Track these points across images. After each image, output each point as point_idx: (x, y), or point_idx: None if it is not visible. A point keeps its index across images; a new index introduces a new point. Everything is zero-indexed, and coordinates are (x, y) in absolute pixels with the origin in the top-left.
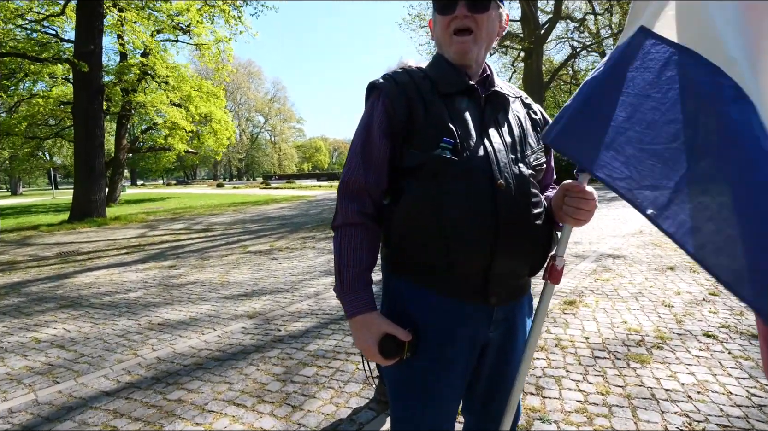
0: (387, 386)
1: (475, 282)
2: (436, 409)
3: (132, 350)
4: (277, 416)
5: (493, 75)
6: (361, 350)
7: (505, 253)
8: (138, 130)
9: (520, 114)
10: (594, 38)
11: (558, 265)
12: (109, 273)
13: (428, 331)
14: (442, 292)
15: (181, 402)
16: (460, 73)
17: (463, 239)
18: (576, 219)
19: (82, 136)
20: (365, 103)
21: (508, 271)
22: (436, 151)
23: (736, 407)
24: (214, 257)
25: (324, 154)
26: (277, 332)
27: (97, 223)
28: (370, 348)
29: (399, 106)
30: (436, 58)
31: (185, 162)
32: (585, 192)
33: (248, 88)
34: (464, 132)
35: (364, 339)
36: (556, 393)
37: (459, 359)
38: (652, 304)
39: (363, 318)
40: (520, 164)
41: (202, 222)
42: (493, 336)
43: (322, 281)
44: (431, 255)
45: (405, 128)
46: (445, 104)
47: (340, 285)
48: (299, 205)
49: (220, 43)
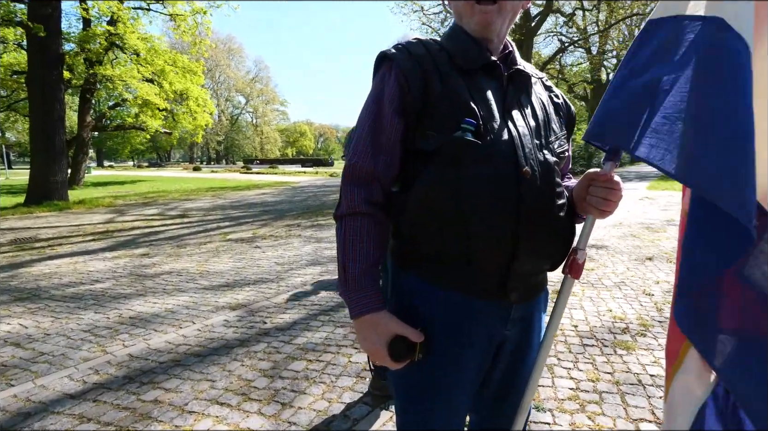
0: (393, 385)
1: (495, 277)
2: (448, 412)
3: (100, 347)
4: (266, 414)
5: (515, 52)
6: (368, 353)
7: (528, 247)
8: (104, 106)
9: (542, 96)
10: (581, 34)
11: (579, 259)
12: (72, 261)
13: (441, 330)
14: (458, 289)
15: (158, 402)
16: (482, 48)
17: (485, 231)
18: (602, 211)
19: (38, 109)
20: (374, 75)
21: (529, 266)
22: (456, 132)
23: None
24: (191, 245)
25: (309, 139)
26: (262, 325)
27: (58, 207)
28: (378, 350)
29: (414, 80)
30: (454, 30)
31: (159, 143)
32: (612, 181)
33: (228, 66)
34: (487, 113)
35: (371, 341)
36: (549, 381)
37: (473, 360)
38: (634, 293)
39: (371, 318)
40: (544, 150)
41: (177, 208)
42: (509, 335)
43: (309, 271)
44: (448, 248)
45: (420, 106)
46: (464, 81)
47: (345, 283)
48: (283, 191)
49: (197, 15)
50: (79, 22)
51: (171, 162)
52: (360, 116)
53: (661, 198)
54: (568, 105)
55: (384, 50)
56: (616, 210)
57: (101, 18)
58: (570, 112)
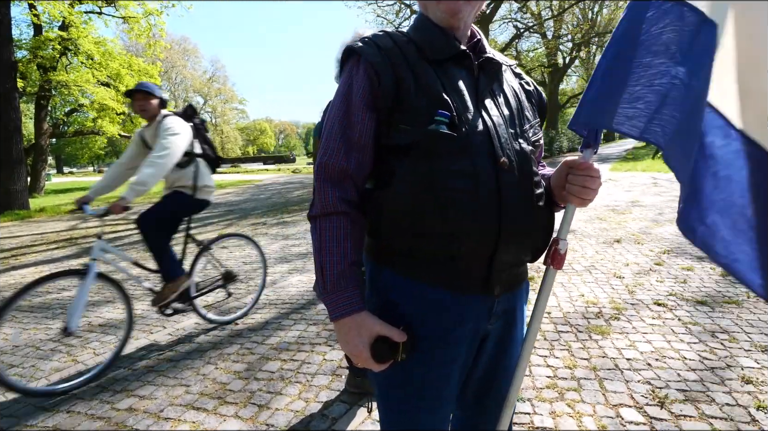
0: (376, 386)
1: (478, 272)
2: (433, 411)
3: (71, 356)
4: (243, 417)
5: (483, 40)
6: (350, 355)
7: (510, 239)
8: (61, 112)
9: (513, 84)
10: (536, 19)
11: (561, 249)
12: (37, 271)
13: (424, 328)
14: (440, 284)
15: (133, 410)
16: (449, 37)
17: (466, 225)
18: (582, 199)
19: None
20: (340, 71)
21: (511, 258)
22: (430, 126)
23: (691, 371)
24: None
25: (269, 137)
26: (234, 326)
27: (19, 216)
28: (361, 352)
29: (384, 74)
30: (420, 20)
31: (118, 147)
32: (592, 169)
33: (184, 66)
34: (460, 104)
35: (353, 344)
36: (526, 370)
37: (458, 357)
38: (604, 276)
39: (351, 320)
40: (520, 140)
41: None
42: (492, 329)
43: (278, 269)
44: (428, 244)
45: (392, 99)
46: (435, 72)
47: (323, 284)
48: (246, 190)
49: (150, 17)
50: (30, 28)
51: None
52: (329, 113)
53: (624, 179)
54: (539, 92)
55: (350, 44)
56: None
57: (53, 23)
58: (541, 99)
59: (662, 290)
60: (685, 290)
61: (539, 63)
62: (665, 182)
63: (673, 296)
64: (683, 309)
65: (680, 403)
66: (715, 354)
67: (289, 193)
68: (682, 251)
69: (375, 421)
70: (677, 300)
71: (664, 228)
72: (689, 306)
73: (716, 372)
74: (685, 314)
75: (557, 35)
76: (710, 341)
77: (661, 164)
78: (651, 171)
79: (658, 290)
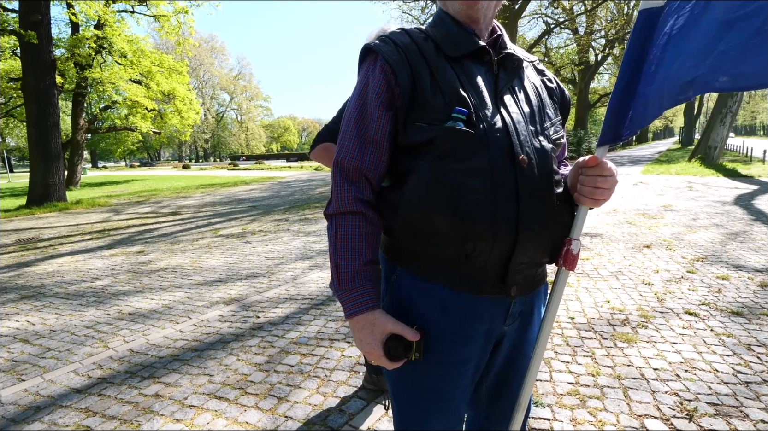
0: (390, 386)
1: (494, 272)
2: (446, 412)
3: (102, 342)
4: (262, 409)
5: (504, 35)
6: (363, 352)
7: (528, 239)
8: (96, 108)
9: (535, 81)
10: (567, 14)
11: (574, 250)
12: (73, 260)
13: (439, 329)
14: (456, 285)
15: (159, 397)
16: (468, 33)
17: (483, 225)
18: (594, 200)
19: (34, 115)
20: (358, 69)
21: (528, 259)
22: (447, 123)
23: (723, 385)
24: (184, 241)
25: (293, 134)
26: (255, 319)
27: (57, 208)
28: (374, 350)
29: (401, 72)
30: (439, 16)
31: (149, 143)
32: (603, 167)
33: (211, 64)
34: (478, 100)
35: (366, 341)
36: (547, 375)
37: (472, 358)
38: (632, 283)
39: (365, 318)
40: (540, 137)
41: (169, 206)
42: (508, 330)
43: (299, 265)
44: (445, 244)
45: (408, 98)
46: (453, 69)
47: (338, 282)
48: (270, 186)
49: (179, 15)
50: (68, 27)
51: (161, 161)
52: (346, 111)
53: (656, 183)
54: (561, 89)
55: (368, 43)
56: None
57: (88, 22)
58: (564, 96)
59: (694, 299)
60: (719, 300)
61: (569, 60)
62: (701, 186)
63: (706, 305)
64: (716, 320)
65: (710, 417)
66: (751, 368)
67: (311, 190)
68: (717, 259)
69: (391, 419)
70: (710, 310)
71: (698, 235)
72: (723, 316)
73: (751, 386)
74: (718, 325)
75: (589, 31)
76: (745, 354)
77: (696, 167)
78: (686, 174)
79: (689, 299)
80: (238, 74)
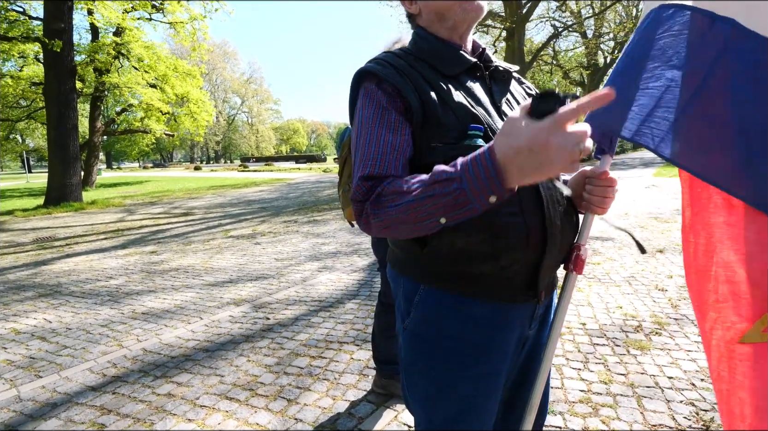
0: (413, 399)
1: (523, 279)
2: (480, 425)
3: (116, 341)
4: (273, 410)
5: (487, 50)
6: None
7: (554, 244)
8: (112, 111)
9: (520, 90)
10: (575, 18)
11: (583, 254)
12: (88, 259)
13: (474, 344)
14: (488, 297)
15: (171, 396)
16: (456, 49)
17: (518, 237)
18: (603, 208)
19: (54, 118)
20: (353, 95)
21: (553, 262)
22: (465, 140)
23: None
24: (195, 242)
25: (302, 136)
26: (265, 320)
27: (73, 208)
28: (543, 130)
29: (408, 94)
30: (422, 37)
31: (162, 144)
32: (610, 179)
33: (224, 69)
34: (487, 115)
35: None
36: (558, 382)
37: (504, 367)
38: (645, 288)
39: (500, 150)
40: None
41: (181, 206)
42: (531, 334)
43: (308, 266)
44: (479, 260)
45: (421, 118)
46: (454, 86)
47: (451, 191)
48: (279, 188)
49: (195, 21)
50: (88, 33)
51: (173, 162)
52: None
53: (668, 185)
54: None
55: (364, 67)
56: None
57: (108, 29)
58: None
59: None
60: None
61: (578, 63)
62: None
63: None
64: None
65: None
66: None
67: (320, 192)
68: None
69: (401, 423)
70: None
71: None
72: None
73: None
74: None
75: (598, 34)
76: None
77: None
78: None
79: None
80: (249, 78)
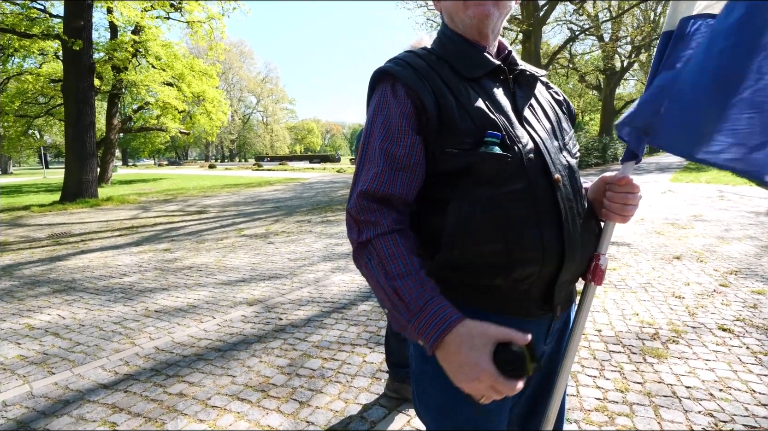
0: (424, 408)
1: (539, 294)
2: None
3: (129, 339)
4: (284, 412)
5: (513, 52)
6: (472, 382)
7: (572, 258)
8: (129, 109)
9: (546, 96)
10: (592, 21)
11: (602, 265)
12: (102, 256)
13: None
14: (505, 312)
15: (183, 396)
16: (482, 52)
17: (534, 251)
18: (624, 216)
19: (72, 115)
20: (370, 96)
21: (570, 276)
22: (481, 148)
23: (761, 406)
24: (209, 240)
25: (316, 136)
26: (278, 321)
27: (89, 204)
28: (484, 371)
29: (426, 97)
30: (447, 36)
31: (177, 142)
32: (632, 185)
33: (240, 68)
34: (507, 122)
35: (470, 364)
36: (573, 389)
37: None
38: (662, 295)
39: (458, 333)
40: (563, 153)
41: (195, 204)
42: (547, 349)
43: (321, 267)
44: (493, 272)
45: (436, 122)
46: (474, 90)
47: (405, 308)
48: (293, 187)
49: (212, 20)
50: (107, 31)
51: (188, 160)
52: (364, 141)
53: (685, 191)
54: (567, 101)
55: (382, 66)
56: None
57: (126, 27)
58: (570, 108)
59: (728, 314)
60: (755, 316)
61: (594, 66)
62: (732, 195)
63: (741, 322)
64: (753, 337)
65: None
66: None
67: (334, 192)
68: (752, 272)
69: (414, 428)
70: (745, 327)
71: (732, 247)
72: (759, 333)
73: None
74: (754, 342)
75: (615, 37)
76: None
77: (728, 176)
78: (716, 183)
79: (723, 314)
80: (265, 77)
